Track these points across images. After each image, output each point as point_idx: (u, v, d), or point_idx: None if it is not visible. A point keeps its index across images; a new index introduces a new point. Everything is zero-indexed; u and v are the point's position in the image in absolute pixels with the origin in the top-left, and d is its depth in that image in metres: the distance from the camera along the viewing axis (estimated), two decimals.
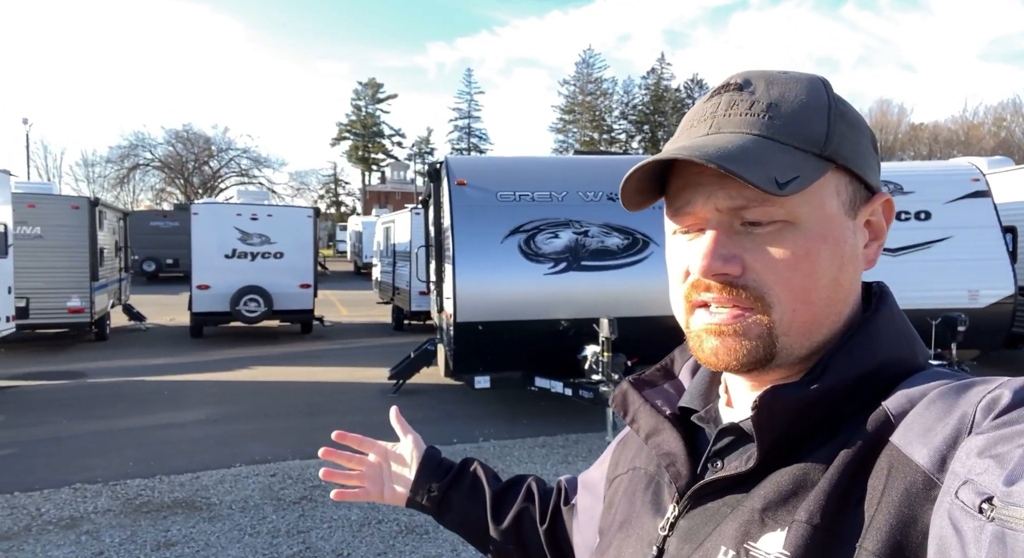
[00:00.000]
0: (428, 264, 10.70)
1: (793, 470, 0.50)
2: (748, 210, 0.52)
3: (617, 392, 0.68)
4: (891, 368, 0.52)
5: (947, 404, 0.46)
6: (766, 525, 0.49)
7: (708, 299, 0.54)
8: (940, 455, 0.43)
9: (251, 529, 3.90)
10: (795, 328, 0.52)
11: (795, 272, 0.51)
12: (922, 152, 52.41)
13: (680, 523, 0.56)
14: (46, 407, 6.91)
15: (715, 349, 0.54)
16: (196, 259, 11.55)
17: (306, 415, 6.69)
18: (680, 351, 0.70)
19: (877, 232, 0.57)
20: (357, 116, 59.94)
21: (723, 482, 0.54)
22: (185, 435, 5.94)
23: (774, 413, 0.50)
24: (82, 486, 4.58)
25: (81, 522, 4.00)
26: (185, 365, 9.46)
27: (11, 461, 5.19)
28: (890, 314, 0.56)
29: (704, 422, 0.60)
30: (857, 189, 0.55)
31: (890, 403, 0.49)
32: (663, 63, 62.39)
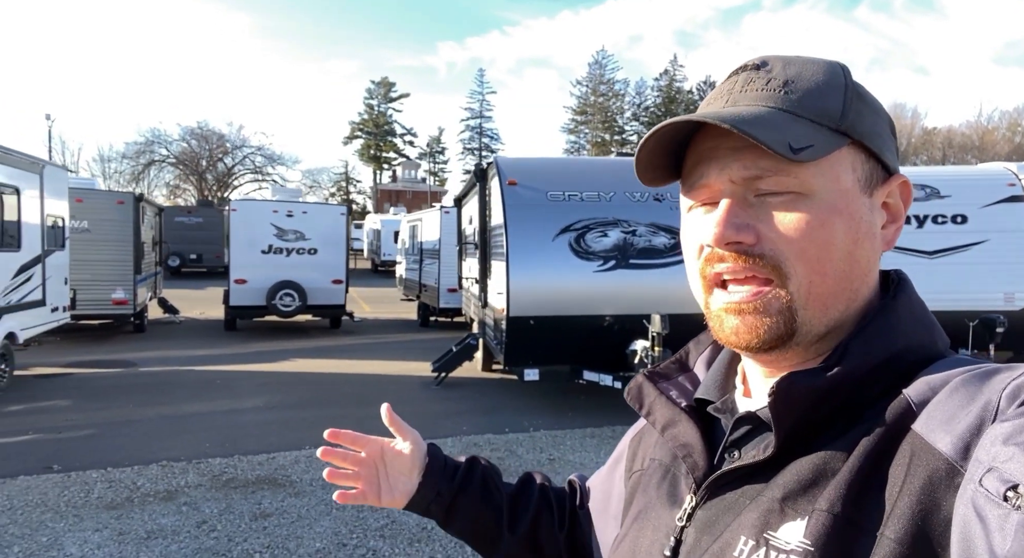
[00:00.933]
0: (460, 261, 11.03)
1: (813, 459, 0.50)
2: (762, 181, 0.52)
3: (632, 385, 0.68)
4: (911, 354, 0.52)
5: (970, 391, 0.46)
6: (786, 514, 0.49)
7: (723, 270, 0.54)
8: (964, 443, 0.43)
9: (336, 504, 4.17)
10: (812, 301, 0.52)
11: (810, 242, 0.51)
12: (936, 157, 52.28)
13: (698, 514, 0.56)
14: (109, 393, 7.24)
15: (735, 328, 0.54)
16: (234, 254, 11.89)
17: (357, 405, 6.99)
18: (695, 344, 0.70)
19: (895, 214, 0.57)
20: (370, 115, 60.35)
21: (741, 472, 0.54)
22: (249, 420, 6.25)
23: (791, 399, 0.50)
24: (168, 463, 4.90)
25: (177, 495, 4.31)
26: (227, 356, 9.78)
27: (95, 440, 5.51)
28: (909, 300, 0.55)
29: (720, 413, 0.60)
30: (874, 168, 0.55)
31: (911, 391, 0.49)
32: (675, 65, 62.49)
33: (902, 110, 54.29)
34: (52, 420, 6.09)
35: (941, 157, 52.49)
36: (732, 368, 0.64)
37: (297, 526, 3.86)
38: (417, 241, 14.96)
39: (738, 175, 0.52)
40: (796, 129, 0.51)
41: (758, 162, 0.51)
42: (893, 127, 0.58)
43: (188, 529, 3.80)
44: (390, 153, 60.85)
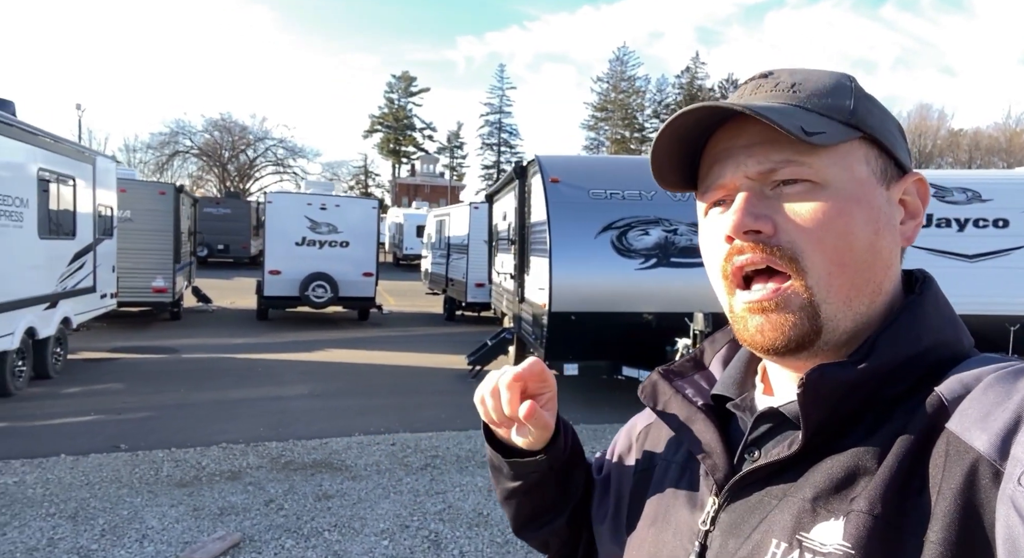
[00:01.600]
0: (492, 257, 11.17)
1: (844, 457, 0.49)
2: (777, 172, 0.52)
3: (646, 383, 0.66)
4: (938, 351, 0.52)
5: (1005, 389, 0.45)
6: (818, 515, 0.47)
7: (743, 263, 0.53)
8: (1001, 440, 0.42)
9: (393, 488, 4.37)
10: (834, 293, 0.51)
11: (828, 232, 0.51)
12: (962, 159, 51.43)
13: (721, 516, 0.55)
14: (158, 378, 7.50)
15: (760, 327, 0.53)
16: (268, 246, 12.14)
17: (398, 394, 7.18)
18: (710, 343, 0.69)
19: (913, 211, 0.56)
20: (390, 109, 60.69)
21: (765, 471, 0.52)
22: (296, 407, 6.46)
23: (821, 392, 0.49)
24: (228, 445, 5.11)
25: (241, 475, 4.51)
26: (264, 345, 10.03)
27: (153, 422, 5.75)
28: (935, 298, 0.55)
29: (739, 410, 0.59)
30: (887, 164, 0.55)
31: (943, 388, 0.48)
32: (697, 62, 62.05)
33: (928, 111, 53.47)
34: (110, 402, 6.34)
35: (968, 159, 51.59)
36: (751, 367, 0.63)
37: (359, 507, 4.04)
38: (444, 236, 15.14)
39: (753, 170, 0.53)
40: (808, 118, 0.51)
41: (771, 156, 0.52)
42: (902, 130, 0.58)
43: (257, 507, 4.00)
44: (409, 147, 61.17)
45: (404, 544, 3.58)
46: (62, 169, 7.22)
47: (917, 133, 50.55)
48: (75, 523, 3.68)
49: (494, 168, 63.27)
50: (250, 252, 25.12)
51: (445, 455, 5.06)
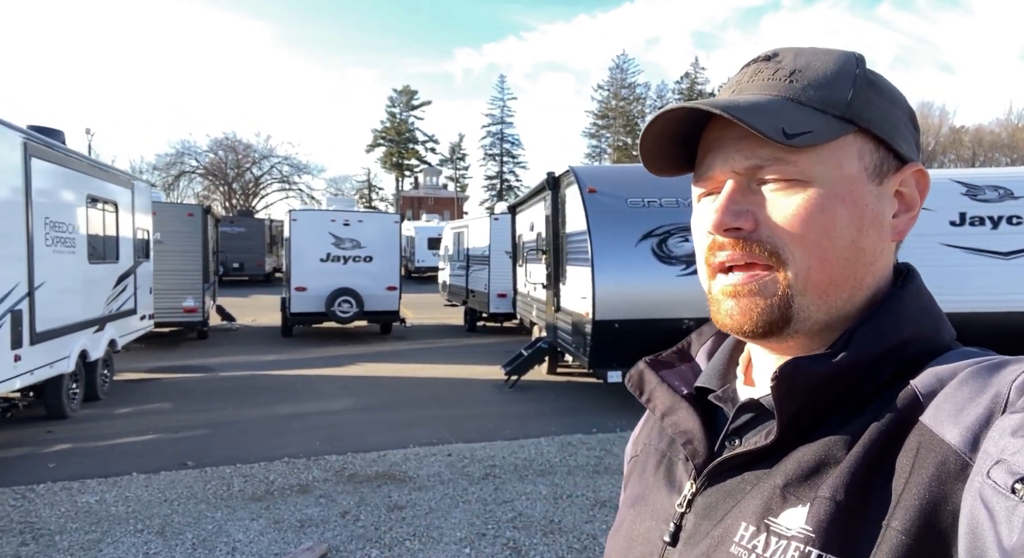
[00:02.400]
0: (516, 267, 11.31)
1: (816, 446, 0.50)
2: (763, 170, 0.53)
3: (633, 372, 0.68)
4: (917, 344, 0.52)
5: (979, 383, 0.45)
6: (787, 501, 0.49)
7: (725, 259, 0.54)
8: (972, 434, 0.43)
9: (460, 497, 4.48)
10: (811, 287, 0.52)
11: (809, 228, 0.51)
12: (965, 156, 51.48)
13: (698, 500, 0.56)
14: (203, 396, 7.63)
15: (730, 311, 0.55)
16: (295, 263, 12.30)
17: (440, 406, 7.29)
18: (697, 335, 0.71)
19: (910, 204, 0.56)
20: (392, 123, 61.13)
21: (742, 458, 0.54)
22: (344, 420, 6.58)
23: (794, 385, 0.50)
24: (290, 460, 5.23)
25: (311, 488, 4.63)
26: (296, 361, 10.16)
27: (211, 439, 5.87)
28: (917, 291, 0.55)
29: (721, 401, 0.60)
30: (885, 156, 0.55)
31: (919, 382, 0.49)
32: (697, 67, 62.40)
33: (929, 109, 53.49)
34: (164, 421, 6.47)
35: (971, 157, 51.61)
36: (734, 358, 0.64)
37: (431, 517, 4.15)
38: (463, 247, 15.28)
39: (740, 165, 0.53)
40: (795, 116, 0.51)
41: (758, 151, 0.52)
42: (913, 117, 0.58)
43: (334, 518, 4.11)
44: (412, 160, 61.54)
45: (485, 552, 3.68)
46: (106, 194, 7.40)
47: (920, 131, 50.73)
48: (164, 538, 3.79)
49: (497, 178, 63.57)
50: (264, 270, 25.32)
51: (503, 464, 5.16)
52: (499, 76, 76.75)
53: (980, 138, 53.26)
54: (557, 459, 5.28)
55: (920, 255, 6.31)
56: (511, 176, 64.06)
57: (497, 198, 63.46)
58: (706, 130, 0.57)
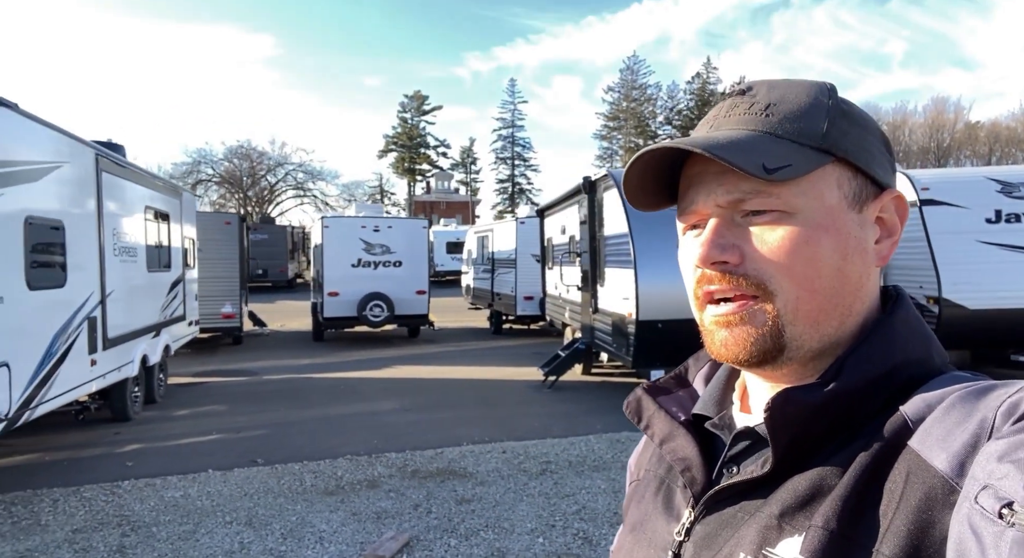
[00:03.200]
0: (545, 270, 11.51)
1: (810, 475, 0.50)
2: (746, 202, 0.54)
3: (631, 399, 0.68)
4: (907, 370, 0.53)
5: (966, 409, 0.46)
6: (784, 531, 0.49)
7: (713, 291, 0.55)
8: (959, 460, 0.43)
9: (523, 491, 4.69)
10: (801, 317, 0.53)
11: (795, 259, 0.52)
12: (981, 152, 51.00)
13: (696, 529, 0.56)
14: (253, 398, 7.90)
15: (724, 340, 0.55)
16: (327, 268, 12.58)
17: (484, 406, 7.51)
18: (694, 360, 0.71)
19: (891, 229, 0.58)
20: (403, 128, 61.60)
21: (739, 487, 0.54)
22: (395, 420, 6.81)
23: (787, 415, 0.51)
24: (353, 457, 5.46)
25: (379, 483, 4.85)
26: (334, 365, 10.43)
27: (273, 439, 6.12)
28: (906, 315, 0.56)
29: (718, 429, 0.61)
30: (863, 184, 0.56)
31: (908, 408, 0.49)
32: (709, 67, 62.34)
33: (944, 104, 52.94)
34: (222, 422, 6.73)
35: (987, 152, 51.05)
36: (730, 384, 0.65)
37: (499, 510, 4.36)
38: (488, 251, 15.52)
39: (723, 199, 0.54)
40: (774, 150, 0.52)
41: (740, 185, 0.53)
42: (887, 142, 0.59)
43: (407, 511, 4.33)
44: (423, 165, 61.97)
45: (558, 542, 3.89)
46: (161, 205, 7.70)
47: (935, 127, 50.19)
48: (254, 529, 4.03)
49: (508, 182, 63.88)
50: (287, 275, 25.71)
51: (557, 460, 5.37)
52: (509, 80, 77.29)
53: (996, 133, 52.63)
54: (609, 455, 5.47)
55: (957, 253, 6.47)
56: (522, 179, 64.38)
57: (509, 201, 63.77)
58: (687, 165, 0.58)
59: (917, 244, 6.50)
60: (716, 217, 0.55)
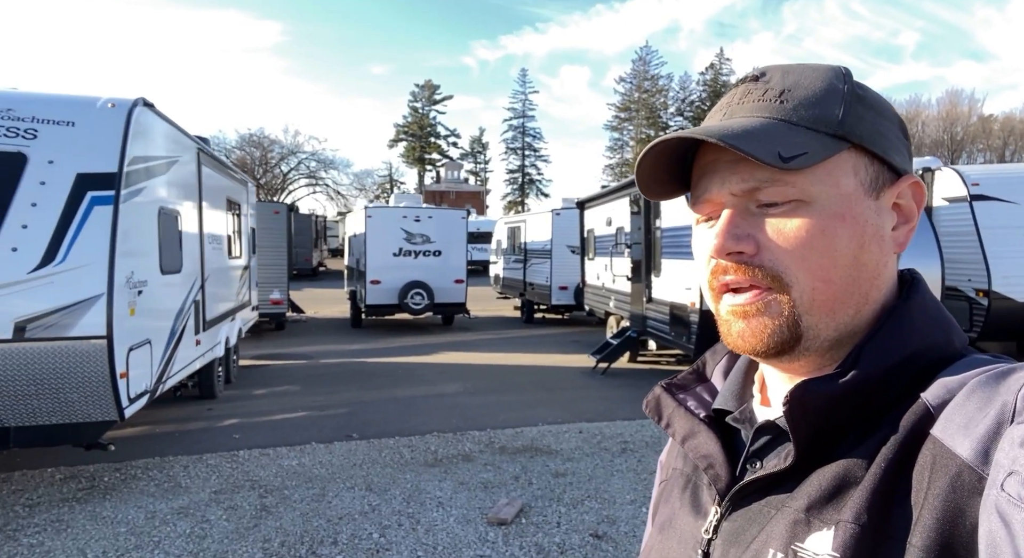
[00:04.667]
0: (583, 261, 11.84)
1: (835, 467, 0.50)
2: (761, 191, 0.53)
3: (650, 397, 0.69)
4: (925, 355, 0.52)
5: (987, 393, 0.46)
6: (812, 525, 0.49)
7: (728, 282, 0.55)
8: (983, 447, 0.43)
9: (611, 467, 5.05)
10: (817, 307, 0.53)
11: (811, 250, 0.52)
12: (994, 145, 50.80)
13: (724, 525, 0.57)
14: (319, 380, 8.28)
15: (741, 331, 0.55)
16: (370, 257, 12.93)
17: (543, 390, 7.87)
18: (711, 354, 0.71)
19: (908, 215, 0.57)
20: (414, 117, 61.76)
21: (763, 481, 0.54)
22: (465, 402, 7.18)
23: (806, 407, 0.51)
24: (439, 434, 5.83)
25: (473, 457, 5.22)
26: (382, 350, 10.80)
27: (355, 417, 6.50)
28: (923, 300, 0.55)
29: (739, 423, 0.61)
30: (880, 170, 0.55)
31: (929, 394, 0.49)
32: (722, 58, 62.17)
33: (958, 97, 52.57)
34: (302, 401, 7.12)
35: (1001, 146, 50.79)
36: (749, 377, 0.65)
37: (594, 483, 4.72)
38: (520, 242, 15.85)
39: (737, 188, 0.54)
40: (789, 137, 0.52)
41: (755, 174, 0.53)
42: (903, 127, 0.58)
43: (508, 482, 4.70)
44: (434, 154, 62.19)
45: None
46: (235, 195, 8.06)
47: (949, 120, 49.91)
48: (376, 494, 4.41)
49: (519, 172, 64.07)
50: (311, 264, 26.09)
51: (633, 440, 5.73)
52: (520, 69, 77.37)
53: (1011, 127, 52.25)
54: None
55: (1007, 247, 6.77)
56: (532, 170, 64.57)
57: (519, 192, 63.99)
58: (699, 154, 0.58)
59: (967, 238, 6.80)
60: (730, 207, 0.55)
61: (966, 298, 6.90)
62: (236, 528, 3.86)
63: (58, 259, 3.76)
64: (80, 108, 4.09)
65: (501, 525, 3.95)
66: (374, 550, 3.61)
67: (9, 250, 3.70)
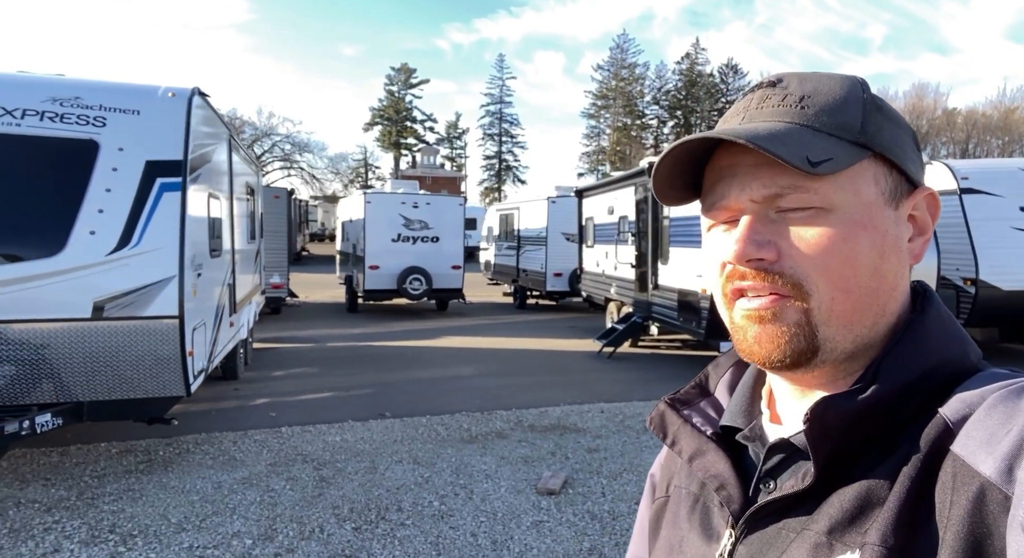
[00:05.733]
0: (581, 248, 12.16)
1: (856, 488, 0.49)
2: (783, 198, 0.52)
3: (654, 414, 0.67)
4: (943, 370, 0.52)
5: (1009, 409, 0.45)
6: (835, 549, 0.48)
7: (744, 287, 0.54)
8: (1007, 464, 0.42)
9: (640, 443, 5.39)
10: (835, 318, 0.52)
11: (832, 258, 0.51)
12: (958, 138, 52.39)
13: (739, 549, 0.55)
14: (334, 363, 8.46)
15: (757, 336, 0.54)
16: (369, 242, 13.05)
17: (554, 373, 8.18)
18: (713, 367, 0.70)
19: (923, 227, 0.56)
20: (390, 101, 61.20)
21: (780, 503, 0.53)
22: (483, 384, 7.45)
23: (827, 425, 0.50)
24: (468, 413, 6.10)
25: (506, 435, 5.51)
26: (385, 334, 10.98)
27: (381, 397, 6.71)
28: (938, 314, 0.55)
29: (749, 441, 0.59)
30: (898, 181, 0.54)
31: (947, 409, 0.48)
32: (697, 48, 62.85)
33: (924, 90, 53.82)
34: (326, 382, 7.30)
35: (964, 139, 52.30)
36: (756, 392, 0.63)
37: (628, 458, 5.04)
38: (513, 229, 16.10)
39: (758, 194, 0.53)
40: (814, 143, 0.51)
41: (777, 180, 0.52)
42: (916, 139, 0.58)
43: (546, 456, 5.00)
44: (410, 139, 61.78)
45: None
46: (251, 179, 8.14)
47: (915, 113, 51.21)
48: (424, 467, 4.67)
49: (496, 158, 64.08)
50: (295, 248, 25.91)
51: None
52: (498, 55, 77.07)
53: (974, 120, 53.77)
54: None
55: (994, 238, 7.26)
56: (509, 156, 64.62)
57: (496, 178, 64.04)
58: (715, 157, 0.56)
59: (956, 229, 7.29)
60: (750, 213, 0.53)
61: (954, 286, 7.41)
62: (303, 497, 4.09)
63: (133, 242, 3.91)
64: (143, 97, 4.21)
65: (550, 495, 4.25)
66: (438, 516, 3.88)
67: (88, 233, 3.83)
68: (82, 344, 3.84)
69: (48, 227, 3.80)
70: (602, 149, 62.95)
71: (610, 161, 61.73)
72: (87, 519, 3.69)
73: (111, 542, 3.44)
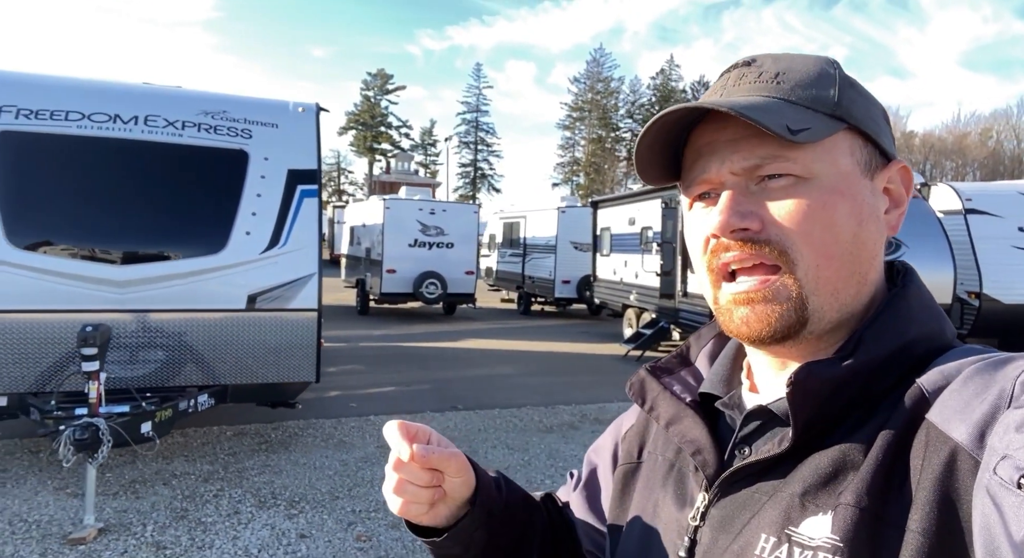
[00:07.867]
0: (595, 257, 12.76)
1: (832, 452, 0.50)
2: (763, 168, 0.53)
3: (634, 379, 0.68)
4: (922, 344, 0.53)
5: (984, 379, 0.47)
6: (807, 509, 0.49)
7: (730, 259, 0.55)
8: (978, 430, 0.44)
9: None
10: (822, 285, 0.53)
11: (814, 224, 0.52)
12: (916, 161, 55.02)
13: (712, 512, 0.56)
14: (377, 361, 8.83)
15: (746, 318, 0.55)
16: (387, 247, 13.42)
17: (583, 373, 8.69)
18: (695, 338, 0.71)
19: (897, 200, 0.58)
20: (366, 106, 61.26)
21: (755, 467, 0.54)
22: (531, 382, 7.92)
23: (810, 390, 0.51)
24: (530, 407, 6.56)
25: (577, 426, 6.00)
26: (408, 336, 11.37)
27: (442, 392, 7.13)
28: (918, 290, 0.57)
29: (728, 408, 0.61)
30: (872, 153, 0.56)
31: (925, 380, 0.50)
32: (672, 64, 64.67)
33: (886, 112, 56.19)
34: (382, 378, 7.69)
35: (922, 160, 54.88)
36: (737, 363, 0.65)
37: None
38: (518, 236, 16.63)
39: (738, 166, 0.54)
40: (792, 113, 0.53)
41: (756, 151, 0.53)
42: (886, 115, 0.59)
43: None
44: (385, 144, 61.88)
45: None
46: None
47: None
48: (519, 452, 5.13)
49: (471, 166, 64.61)
50: None
51: None
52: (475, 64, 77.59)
53: (931, 143, 56.40)
54: None
55: (995, 255, 8.07)
56: (485, 164, 65.22)
57: (471, 186, 64.53)
58: (694, 136, 0.58)
59: (961, 246, 8.08)
60: (731, 185, 0.55)
61: (959, 299, 8.19)
62: None
63: (281, 242, 4.31)
64: (279, 111, 4.62)
65: None
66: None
67: (244, 233, 4.22)
68: (235, 332, 4.22)
69: (211, 228, 4.18)
70: (576, 160, 64.02)
71: (585, 172, 62.83)
72: (246, 488, 4.06)
73: (280, 506, 3.83)
